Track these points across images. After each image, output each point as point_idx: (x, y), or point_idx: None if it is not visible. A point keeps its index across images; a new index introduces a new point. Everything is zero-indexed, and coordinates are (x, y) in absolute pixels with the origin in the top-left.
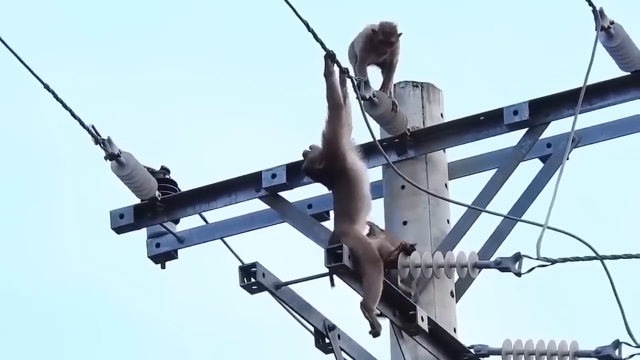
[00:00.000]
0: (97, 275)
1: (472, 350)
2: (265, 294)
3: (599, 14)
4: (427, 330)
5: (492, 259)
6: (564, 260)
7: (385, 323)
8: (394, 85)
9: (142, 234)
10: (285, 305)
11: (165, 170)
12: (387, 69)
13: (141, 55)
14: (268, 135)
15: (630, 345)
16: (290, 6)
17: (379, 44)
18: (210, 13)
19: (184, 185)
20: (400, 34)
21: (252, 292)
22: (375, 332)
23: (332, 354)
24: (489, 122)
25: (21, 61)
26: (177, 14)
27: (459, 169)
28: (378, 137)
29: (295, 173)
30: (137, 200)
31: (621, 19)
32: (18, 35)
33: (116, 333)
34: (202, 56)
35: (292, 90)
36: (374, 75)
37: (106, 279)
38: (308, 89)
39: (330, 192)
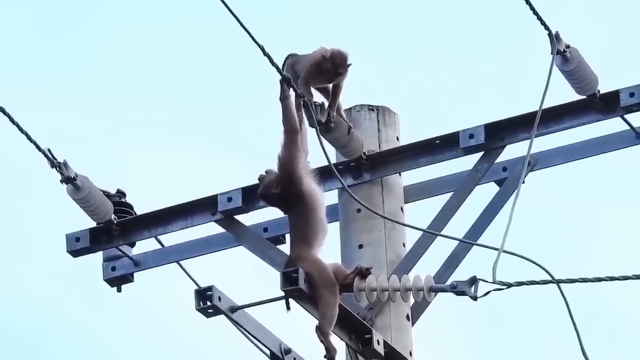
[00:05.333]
0: (54, 298)
1: None
2: (222, 317)
3: (554, 38)
4: (383, 354)
5: (448, 282)
6: (520, 284)
7: (341, 346)
8: (350, 108)
9: (98, 257)
10: (241, 328)
11: (121, 193)
12: (334, 91)
13: (94, 80)
14: (223, 159)
15: None
16: (247, 31)
17: (326, 72)
18: (167, 39)
19: (140, 209)
20: (350, 64)
21: (208, 315)
22: (330, 356)
23: None
24: (445, 145)
25: None
26: (131, 39)
27: (414, 193)
28: (333, 161)
29: (251, 196)
30: (93, 224)
31: (577, 42)
32: None
33: (72, 356)
34: (156, 81)
35: (245, 115)
36: (317, 97)
37: (62, 302)
38: (262, 113)
39: (286, 215)
